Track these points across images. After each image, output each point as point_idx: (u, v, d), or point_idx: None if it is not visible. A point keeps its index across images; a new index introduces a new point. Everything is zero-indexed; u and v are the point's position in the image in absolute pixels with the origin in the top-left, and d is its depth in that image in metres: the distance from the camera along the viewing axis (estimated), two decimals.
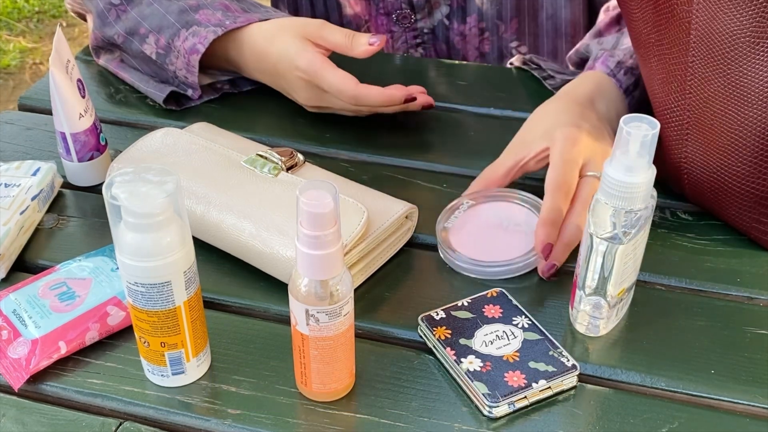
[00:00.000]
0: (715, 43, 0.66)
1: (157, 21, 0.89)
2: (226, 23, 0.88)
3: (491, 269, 0.71)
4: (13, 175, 0.78)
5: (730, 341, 0.66)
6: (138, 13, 0.91)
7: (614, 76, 0.83)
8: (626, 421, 0.60)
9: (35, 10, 2.91)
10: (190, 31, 0.88)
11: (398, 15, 1.05)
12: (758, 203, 0.71)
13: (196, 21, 0.88)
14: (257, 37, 0.87)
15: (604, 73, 0.83)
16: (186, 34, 0.88)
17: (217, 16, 0.88)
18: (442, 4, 1.03)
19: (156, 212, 0.54)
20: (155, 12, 0.90)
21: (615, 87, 0.83)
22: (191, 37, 0.87)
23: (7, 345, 0.64)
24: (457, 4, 1.03)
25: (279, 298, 0.69)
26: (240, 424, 0.60)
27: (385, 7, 1.04)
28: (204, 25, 0.88)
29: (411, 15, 1.04)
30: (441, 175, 0.84)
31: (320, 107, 0.88)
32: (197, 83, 0.90)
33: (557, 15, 1.04)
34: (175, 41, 0.88)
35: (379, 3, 1.04)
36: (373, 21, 1.05)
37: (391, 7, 1.04)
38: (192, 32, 0.88)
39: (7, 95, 2.48)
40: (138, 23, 0.90)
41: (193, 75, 0.89)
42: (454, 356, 0.62)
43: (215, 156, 0.76)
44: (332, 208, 0.52)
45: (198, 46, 0.87)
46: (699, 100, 0.70)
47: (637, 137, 0.57)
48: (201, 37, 0.87)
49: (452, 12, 1.04)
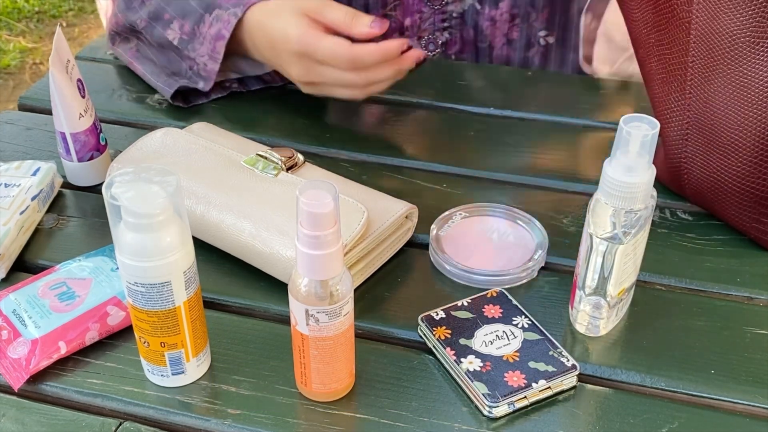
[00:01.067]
0: (715, 43, 0.66)
1: (180, 6, 0.89)
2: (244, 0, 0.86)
3: (482, 278, 0.71)
4: (13, 175, 0.78)
5: (730, 341, 0.66)
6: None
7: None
8: (626, 421, 0.60)
9: (35, 10, 2.91)
10: (213, 16, 0.87)
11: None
12: (758, 203, 0.71)
13: (218, 3, 0.87)
14: (258, 14, 0.86)
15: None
16: (210, 20, 0.87)
17: None
18: None
19: (156, 212, 0.54)
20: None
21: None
22: (215, 23, 0.86)
23: (7, 345, 0.64)
24: None
25: (279, 298, 0.69)
26: (240, 424, 0.60)
27: None
28: (224, 7, 0.87)
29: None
30: (441, 175, 0.84)
31: (314, 83, 0.85)
32: (215, 72, 0.89)
33: None
34: (201, 27, 0.87)
35: None
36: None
37: None
38: (215, 17, 0.87)
39: (7, 95, 2.48)
40: (162, 8, 0.90)
41: (215, 62, 0.88)
42: (454, 356, 0.62)
43: (215, 156, 0.76)
44: (332, 208, 0.52)
45: (223, 31, 0.86)
46: (699, 99, 0.70)
47: (637, 137, 0.57)
48: (224, 22, 0.86)
49: None
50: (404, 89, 0.94)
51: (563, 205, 0.80)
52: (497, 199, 0.80)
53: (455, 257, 0.72)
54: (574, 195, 0.81)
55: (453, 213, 0.77)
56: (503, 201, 0.79)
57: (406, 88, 0.95)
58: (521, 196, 0.81)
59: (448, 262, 0.72)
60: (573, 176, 0.83)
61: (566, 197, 0.81)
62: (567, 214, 0.79)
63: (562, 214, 0.79)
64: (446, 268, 0.72)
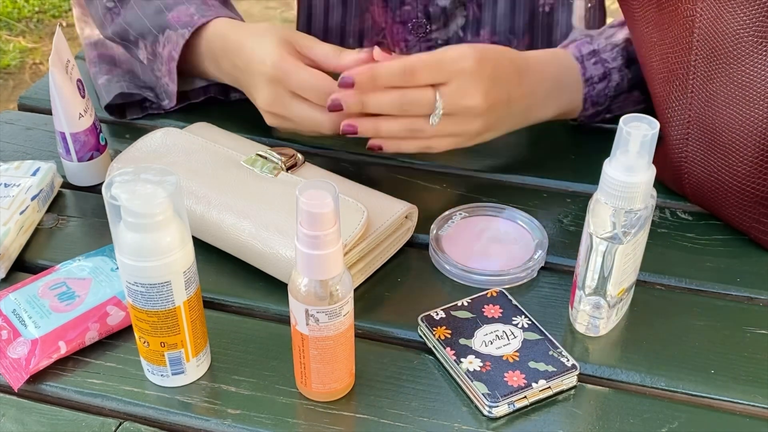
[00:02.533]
0: (718, 43, 0.66)
1: (138, 26, 0.86)
2: (194, 20, 0.83)
3: (482, 278, 0.71)
4: (12, 175, 0.78)
5: (730, 341, 0.66)
6: (124, 18, 0.88)
7: (581, 63, 0.81)
8: (626, 421, 0.60)
9: (35, 10, 2.91)
10: (165, 37, 0.85)
11: (414, 24, 1.04)
12: (759, 203, 0.71)
13: (168, 23, 0.85)
14: (231, 31, 0.82)
15: (571, 56, 0.82)
16: (163, 40, 0.85)
17: (189, 11, 0.84)
18: (458, 16, 1.03)
19: (156, 212, 0.54)
20: (136, 15, 0.87)
21: (577, 72, 0.81)
22: (167, 44, 0.84)
23: (7, 345, 0.64)
24: (473, 16, 1.03)
25: (279, 298, 0.69)
26: (240, 424, 0.60)
27: (402, 15, 1.04)
28: (174, 27, 0.84)
29: (426, 25, 1.04)
30: (441, 175, 0.84)
31: (279, 115, 0.79)
32: (175, 93, 0.87)
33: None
34: (157, 48, 0.86)
35: (396, 11, 1.04)
36: (389, 29, 1.05)
37: (407, 16, 1.04)
38: (167, 38, 0.85)
39: (7, 95, 2.48)
40: (125, 29, 0.88)
41: (174, 83, 0.87)
42: (454, 356, 0.62)
43: (215, 156, 0.76)
44: (332, 208, 0.52)
45: (173, 53, 0.84)
46: (701, 99, 0.70)
47: (637, 137, 0.57)
48: (173, 44, 0.84)
49: (467, 23, 1.04)
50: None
51: (563, 205, 0.80)
52: (497, 199, 0.80)
53: (455, 257, 0.72)
54: (574, 195, 0.81)
55: (453, 213, 0.77)
56: (503, 201, 0.79)
57: None
58: (521, 196, 0.81)
59: (448, 262, 0.72)
60: (573, 176, 0.83)
61: (566, 197, 0.81)
62: (567, 214, 0.79)
63: (562, 214, 0.79)
64: (446, 268, 0.72)
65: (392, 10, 1.04)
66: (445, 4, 1.02)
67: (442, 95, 0.72)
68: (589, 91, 0.82)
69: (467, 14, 1.03)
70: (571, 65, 0.81)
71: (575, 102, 0.82)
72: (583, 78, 0.81)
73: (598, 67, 0.81)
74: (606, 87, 0.82)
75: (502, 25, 1.03)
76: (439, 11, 1.03)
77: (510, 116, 0.78)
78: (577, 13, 1.03)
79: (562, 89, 0.81)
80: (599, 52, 0.82)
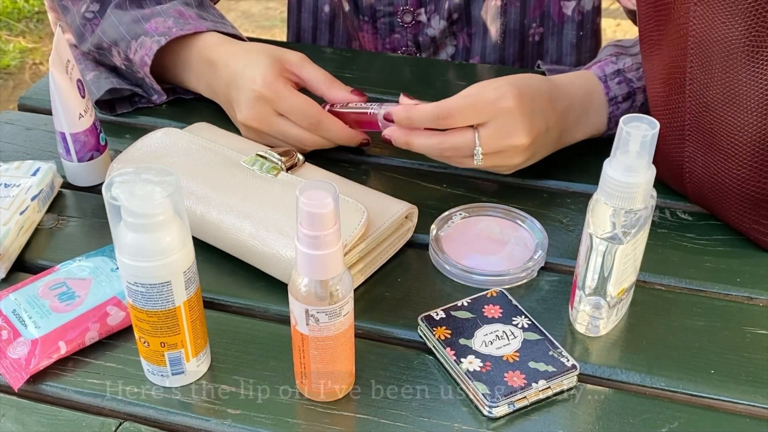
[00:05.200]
0: (712, 51, 0.66)
1: (112, 33, 0.88)
2: (172, 31, 0.85)
3: (482, 278, 0.71)
4: (13, 175, 0.78)
5: (729, 341, 0.66)
6: (100, 28, 0.89)
7: (605, 82, 0.81)
8: (626, 421, 0.60)
9: (35, 10, 2.91)
10: (138, 42, 0.86)
11: (404, 53, 1.05)
12: (758, 205, 0.71)
13: (144, 31, 0.86)
14: (221, 43, 0.84)
15: (595, 76, 0.82)
16: (135, 46, 0.86)
17: (167, 24, 0.86)
18: (447, 45, 1.03)
19: (156, 212, 0.54)
20: (111, 24, 0.88)
21: (601, 92, 0.81)
22: (140, 49, 0.86)
23: (7, 345, 0.64)
24: (462, 45, 1.03)
25: (279, 298, 0.69)
26: (240, 424, 0.60)
27: (392, 43, 1.04)
28: (150, 35, 0.86)
29: (416, 53, 1.05)
30: (441, 175, 0.84)
31: (259, 130, 0.80)
32: (160, 89, 0.90)
33: (562, 62, 1.04)
34: (129, 54, 0.87)
35: (386, 39, 1.04)
36: None
37: (396, 44, 1.04)
38: (140, 43, 0.86)
39: (7, 95, 2.48)
40: (100, 38, 0.89)
41: (154, 83, 0.89)
42: (454, 356, 0.62)
43: (215, 156, 0.76)
44: (332, 208, 0.52)
45: (145, 58, 0.85)
46: (698, 105, 0.70)
47: (637, 137, 0.57)
48: (147, 49, 0.85)
49: (457, 52, 1.04)
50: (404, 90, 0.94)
51: (563, 205, 0.80)
52: (497, 199, 0.80)
53: (455, 257, 0.72)
54: (574, 195, 0.81)
55: (453, 213, 0.77)
56: (503, 201, 0.79)
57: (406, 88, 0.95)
58: (521, 196, 0.81)
59: (448, 262, 0.72)
60: (573, 176, 0.83)
61: (566, 197, 0.81)
62: (567, 214, 0.79)
63: (562, 214, 0.79)
64: (446, 268, 0.72)
65: (381, 37, 1.04)
66: (434, 34, 1.02)
67: (482, 138, 0.73)
68: (614, 110, 0.82)
69: (457, 44, 1.03)
70: (595, 85, 0.81)
71: (601, 122, 0.82)
72: (608, 98, 0.81)
73: (622, 87, 0.81)
74: (631, 107, 0.82)
75: (491, 54, 1.03)
76: (429, 40, 1.03)
77: (546, 145, 0.78)
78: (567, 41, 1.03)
79: (589, 111, 0.81)
80: (624, 71, 0.81)
